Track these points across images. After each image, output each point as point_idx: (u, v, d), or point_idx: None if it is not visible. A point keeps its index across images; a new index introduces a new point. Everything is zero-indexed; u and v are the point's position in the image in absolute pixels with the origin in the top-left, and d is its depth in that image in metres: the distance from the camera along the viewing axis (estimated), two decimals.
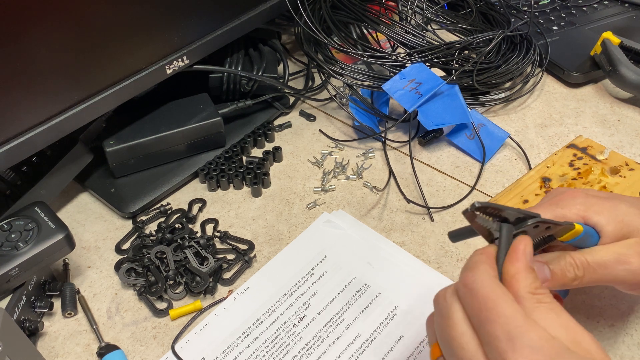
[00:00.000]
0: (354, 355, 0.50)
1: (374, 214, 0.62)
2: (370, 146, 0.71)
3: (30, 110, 0.54)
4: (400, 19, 0.78)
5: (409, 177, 0.66)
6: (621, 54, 0.74)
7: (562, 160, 0.64)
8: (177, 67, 0.65)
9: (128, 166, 0.66)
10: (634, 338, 0.50)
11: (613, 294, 0.53)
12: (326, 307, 0.53)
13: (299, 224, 0.62)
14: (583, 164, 0.64)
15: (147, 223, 0.63)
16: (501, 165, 0.68)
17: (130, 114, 0.67)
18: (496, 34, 0.74)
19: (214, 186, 0.66)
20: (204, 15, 0.65)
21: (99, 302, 0.55)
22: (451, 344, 0.34)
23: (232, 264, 0.58)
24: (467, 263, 0.37)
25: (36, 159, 0.62)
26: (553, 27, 0.86)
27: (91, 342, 0.52)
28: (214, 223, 0.62)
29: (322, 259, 0.58)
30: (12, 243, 0.52)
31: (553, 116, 0.74)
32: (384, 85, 0.67)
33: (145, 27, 0.60)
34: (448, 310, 0.35)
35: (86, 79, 0.57)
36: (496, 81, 0.75)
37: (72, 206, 0.66)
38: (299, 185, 0.66)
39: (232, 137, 0.71)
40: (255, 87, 0.72)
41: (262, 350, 0.50)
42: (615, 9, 0.89)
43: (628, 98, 0.76)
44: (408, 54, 0.71)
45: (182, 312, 0.54)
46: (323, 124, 0.75)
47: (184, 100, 0.69)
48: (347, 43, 0.73)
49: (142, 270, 0.56)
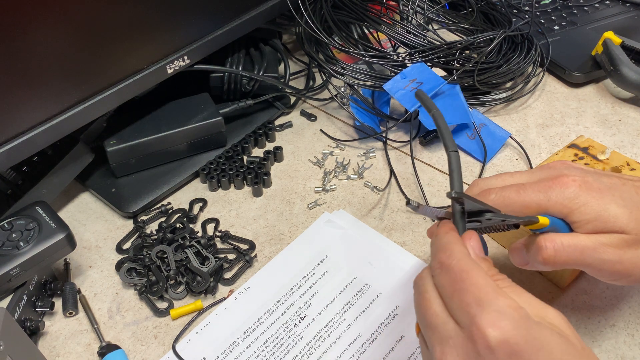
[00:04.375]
0: (354, 355, 0.50)
1: (374, 214, 0.62)
2: (371, 146, 0.71)
3: (31, 109, 0.54)
4: (402, 18, 0.78)
5: (410, 177, 0.66)
6: (622, 54, 0.74)
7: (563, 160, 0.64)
8: (178, 66, 0.65)
9: (129, 166, 0.66)
10: (635, 338, 0.50)
11: (614, 294, 0.53)
12: (327, 307, 0.53)
13: (300, 224, 0.62)
14: (584, 164, 0.63)
15: (148, 223, 0.63)
16: (502, 165, 0.68)
17: (131, 113, 0.67)
18: (497, 34, 0.74)
19: (215, 186, 0.66)
20: (204, 15, 0.65)
21: (100, 302, 0.55)
22: (425, 317, 0.37)
23: (233, 264, 0.58)
24: (438, 244, 0.39)
25: (37, 159, 0.62)
26: (554, 27, 0.86)
27: (92, 341, 0.52)
28: (214, 223, 0.62)
29: (323, 258, 0.58)
30: (13, 242, 0.52)
31: (554, 116, 0.74)
32: (385, 85, 0.67)
33: (146, 27, 0.60)
34: (423, 288, 0.38)
35: (87, 78, 0.57)
36: (497, 81, 0.75)
37: (73, 206, 0.66)
38: (300, 185, 0.66)
39: (233, 137, 0.71)
40: (256, 87, 0.73)
41: (263, 350, 0.50)
42: (616, 9, 0.89)
43: (629, 98, 0.76)
44: (409, 54, 0.71)
45: (183, 312, 0.54)
46: (324, 123, 0.75)
47: (185, 100, 0.69)
48: (348, 43, 0.73)
49: (143, 269, 0.56)
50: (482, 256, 0.38)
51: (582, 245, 0.40)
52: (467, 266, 0.36)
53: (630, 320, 0.51)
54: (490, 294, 0.34)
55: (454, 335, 0.34)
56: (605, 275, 0.42)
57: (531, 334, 0.32)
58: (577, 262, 0.41)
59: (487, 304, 0.33)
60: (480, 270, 0.35)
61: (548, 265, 0.41)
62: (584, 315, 0.51)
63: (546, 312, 0.34)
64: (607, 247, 0.40)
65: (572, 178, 0.42)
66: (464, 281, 0.35)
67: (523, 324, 0.33)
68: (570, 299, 0.53)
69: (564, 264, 0.41)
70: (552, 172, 0.43)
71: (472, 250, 0.38)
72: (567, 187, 0.41)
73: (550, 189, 0.41)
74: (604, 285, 0.54)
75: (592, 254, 0.40)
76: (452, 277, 0.36)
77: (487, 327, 0.32)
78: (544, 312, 0.34)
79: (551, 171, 0.44)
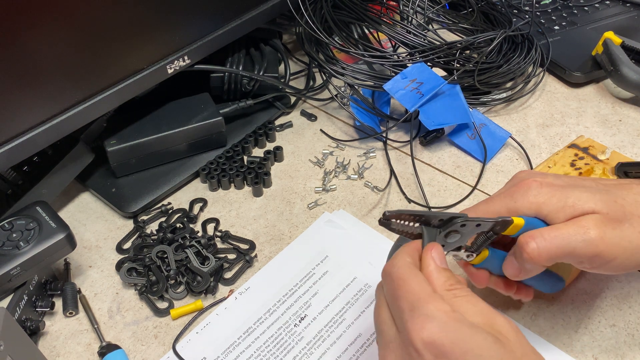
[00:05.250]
0: (354, 355, 0.50)
1: (375, 214, 0.62)
2: (372, 146, 0.71)
3: (31, 109, 0.54)
4: (402, 18, 0.78)
5: (410, 177, 0.66)
6: (623, 54, 0.74)
7: (563, 160, 0.64)
8: (178, 66, 0.65)
9: (129, 166, 0.66)
10: (635, 338, 0.50)
11: (614, 294, 0.53)
12: (327, 307, 0.53)
13: (300, 224, 0.62)
14: (584, 164, 0.63)
15: (148, 223, 0.63)
16: (502, 165, 0.68)
17: (131, 113, 0.67)
18: (497, 34, 0.74)
19: (215, 186, 0.66)
20: (205, 15, 0.65)
21: (100, 302, 0.55)
22: (376, 323, 0.39)
23: (233, 264, 0.58)
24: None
25: (37, 159, 0.62)
26: (554, 27, 0.86)
27: (92, 341, 0.52)
28: (215, 223, 0.62)
29: (323, 258, 0.58)
30: (14, 242, 0.52)
31: (554, 116, 0.74)
32: (385, 85, 0.67)
33: (147, 27, 0.60)
34: (377, 296, 0.40)
35: (87, 78, 0.57)
36: (497, 81, 0.75)
37: (73, 206, 0.66)
38: (300, 185, 0.66)
39: (233, 137, 0.71)
40: (256, 87, 0.73)
41: (263, 349, 0.50)
42: (616, 9, 0.89)
43: (629, 98, 0.76)
44: (409, 54, 0.71)
45: (183, 312, 0.54)
46: (324, 123, 0.75)
47: (185, 100, 0.69)
48: (349, 43, 0.73)
49: (143, 269, 0.56)
50: (442, 266, 0.39)
51: (562, 231, 0.41)
52: (405, 274, 0.37)
53: (630, 320, 0.51)
54: (422, 300, 0.35)
55: (393, 340, 0.37)
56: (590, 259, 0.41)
57: (459, 337, 0.34)
58: (563, 251, 0.41)
59: (417, 308, 0.35)
60: (417, 278, 0.37)
61: (534, 261, 0.41)
62: (584, 315, 0.51)
63: (494, 320, 0.36)
64: (587, 227, 0.41)
65: (533, 179, 0.44)
66: (400, 288, 0.37)
67: (452, 327, 0.34)
68: (570, 299, 0.53)
69: (550, 257, 0.41)
70: (515, 181, 0.46)
71: (433, 261, 0.39)
72: (529, 187, 0.44)
73: (515, 193, 0.44)
74: (604, 285, 0.54)
75: (575, 236, 0.41)
76: (391, 285, 0.38)
77: (414, 330, 0.34)
78: (494, 320, 0.36)
79: (514, 180, 0.46)
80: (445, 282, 0.38)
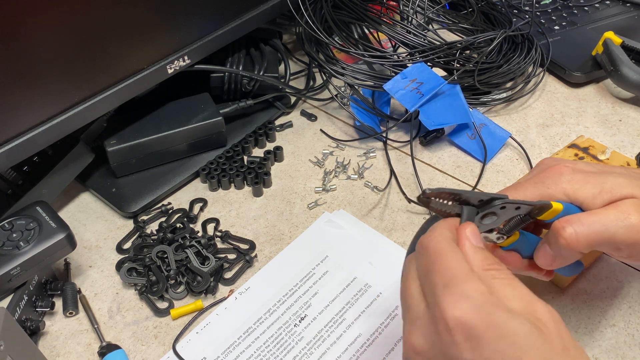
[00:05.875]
0: (355, 355, 0.50)
1: (375, 214, 0.62)
2: (372, 146, 0.71)
3: (31, 109, 0.54)
4: (402, 18, 0.78)
5: (410, 177, 0.66)
6: (623, 54, 0.74)
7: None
8: (178, 66, 0.65)
9: (129, 166, 0.66)
10: (635, 338, 0.50)
11: (614, 294, 0.53)
12: (327, 307, 0.53)
13: (300, 224, 0.62)
14: None
15: (148, 223, 0.63)
16: (502, 165, 0.68)
17: (131, 113, 0.67)
18: (498, 34, 0.74)
19: (215, 186, 0.66)
20: (205, 15, 0.65)
21: (100, 302, 0.55)
22: (403, 297, 0.37)
23: (233, 264, 0.58)
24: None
25: (37, 159, 0.62)
26: (554, 27, 0.86)
27: (92, 341, 0.52)
28: (215, 223, 0.62)
29: (323, 258, 0.58)
30: (14, 242, 0.52)
31: (554, 116, 0.74)
32: (385, 85, 0.67)
33: (147, 27, 0.60)
34: (406, 270, 0.38)
35: (87, 78, 0.57)
36: (497, 81, 0.75)
37: (74, 206, 0.66)
38: (300, 185, 0.66)
39: (233, 137, 0.71)
40: (256, 87, 0.72)
41: (263, 349, 0.50)
42: (616, 9, 0.89)
43: (629, 98, 0.76)
44: (409, 54, 0.71)
45: (183, 312, 0.54)
46: (324, 123, 0.75)
47: (185, 100, 0.69)
48: (349, 43, 0.73)
49: (143, 269, 0.56)
50: (479, 246, 0.36)
51: (601, 217, 0.39)
52: (443, 248, 0.35)
53: (630, 320, 0.51)
54: (459, 277, 0.33)
55: (421, 316, 0.34)
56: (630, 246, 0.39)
57: (494, 321, 0.31)
58: (602, 237, 0.39)
59: (453, 285, 0.33)
60: (456, 254, 0.35)
61: (571, 247, 0.39)
62: (584, 315, 0.51)
63: (535, 307, 0.33)
64: (628, 213, 0.38)
65: (564, 164, 0.42)
66: (436, 262, 0.35)
67: (487, 309, 0.32)
68: (570, 299, 0.53)
69: (588, 243, 0.39)
70: (542, 166, 0.44)
71: (469, 240, 0.36)
72: (561, 173, 0.42)
73: (547, 179, 0.42)
74: (604, 285, 0.54)
75: (615, 222, 0.38)
76: (427, 259, 0.35)
77: (447, 307, 0.32)
78: (533, 306, 0.33)
79: (542, 166, 0.44)
80: (483, 261, 0.35)
